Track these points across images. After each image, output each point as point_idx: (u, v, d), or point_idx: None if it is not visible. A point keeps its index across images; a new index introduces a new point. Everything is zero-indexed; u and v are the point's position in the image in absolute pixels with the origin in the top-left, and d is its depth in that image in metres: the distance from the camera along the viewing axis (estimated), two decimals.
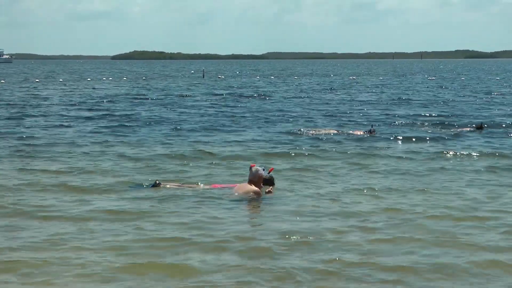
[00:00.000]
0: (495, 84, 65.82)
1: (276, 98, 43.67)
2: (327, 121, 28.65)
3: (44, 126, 25.61)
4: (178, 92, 50.27)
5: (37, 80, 73.63)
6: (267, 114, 31.25)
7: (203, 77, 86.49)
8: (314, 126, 25.84)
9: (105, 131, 24.06)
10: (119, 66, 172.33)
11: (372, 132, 22.87)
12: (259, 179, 12.75)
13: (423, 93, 50.23)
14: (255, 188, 12.66)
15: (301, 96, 46.39)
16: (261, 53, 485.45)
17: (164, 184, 13.59)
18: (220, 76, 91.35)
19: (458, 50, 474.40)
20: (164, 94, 48.55)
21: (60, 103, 38.60)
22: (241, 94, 47.83)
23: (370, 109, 34.61)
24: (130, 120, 28.29)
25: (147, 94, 48.18)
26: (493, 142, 21.25)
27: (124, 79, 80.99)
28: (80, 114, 31.05)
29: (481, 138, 22.23)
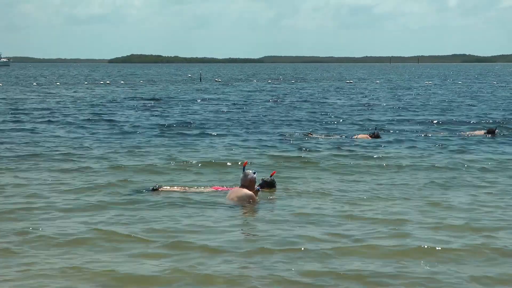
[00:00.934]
0: None
1: (283, 102, 43.39)
2: (332, 124, 28.47)
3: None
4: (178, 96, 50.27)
5: (58, 84, 73.74)
6: (273, 118, 31.14)
7: (200, 81, 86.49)
8: (317, 130, 25.62)
9: (102, 138, 23.88)
10: (116, 69, 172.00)
11: (376, 135, 22.69)
12: (249, 183, 12.54)
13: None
14: (249, 192, 12.50)
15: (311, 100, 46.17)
16: (258, 57, 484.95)
17: (163, 188, 13.50)
18: (217, 80, 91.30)
19: (455, 55, 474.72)
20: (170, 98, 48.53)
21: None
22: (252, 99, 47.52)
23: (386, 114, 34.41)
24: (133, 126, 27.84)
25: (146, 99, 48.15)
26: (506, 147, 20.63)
27: (122, 82, 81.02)
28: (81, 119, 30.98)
29: (494, 143, 21.55)
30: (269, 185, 13.61)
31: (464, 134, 24.18)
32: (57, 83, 77.83)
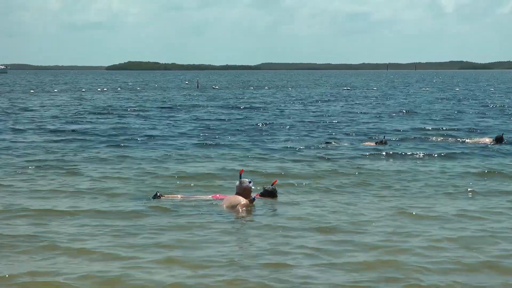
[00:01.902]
0: None
1: (286, 110, 43.22)
2: (340, 132, 28.22)
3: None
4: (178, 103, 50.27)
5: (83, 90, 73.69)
6: (279, 125, 30.88)
7: (198, 87, 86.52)
8: (325, 138, 25.16)
9: (100, 146, 23.66)
10: (113, 77, 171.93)
11: (383, 143, 22.46)
12: (244, 191, 12.48)
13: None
14: (243, 200, 12.37)
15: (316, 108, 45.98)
16: (255, 64, 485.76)
17: (165, 195, 13.44)
18: (214, 87, 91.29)
19: (452, 61, 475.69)
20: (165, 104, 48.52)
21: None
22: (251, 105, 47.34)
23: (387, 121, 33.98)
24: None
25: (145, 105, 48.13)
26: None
27: (119, 89, 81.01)
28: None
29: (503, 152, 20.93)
30: (270, 194, 13.45)
31: (471, 141, 23.65)
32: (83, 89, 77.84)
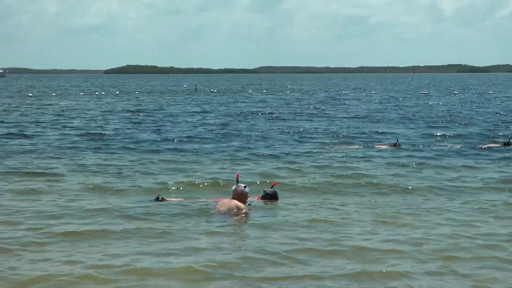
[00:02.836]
0: None
1: (289, 114, 42.98)
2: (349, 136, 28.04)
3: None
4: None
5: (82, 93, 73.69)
6: (287, 131, 30.50)
7: (196, 91, 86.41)
8: (337, 142, 25.02)
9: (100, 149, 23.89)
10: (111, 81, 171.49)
11: (397, 146, 22.27)
12: (239, 196, 12.43)
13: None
14: (239, 204, 12.32)
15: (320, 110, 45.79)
16: (253, 68, 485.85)
17: (167, 199, 13.41)
18: (213, 90, 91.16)
19: (450, 65, 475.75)
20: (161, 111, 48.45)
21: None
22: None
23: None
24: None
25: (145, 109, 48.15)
26: None
27: (117, 93, 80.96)
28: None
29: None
30: (271, 196, 13.28)
31: (480, 146, 23.35)
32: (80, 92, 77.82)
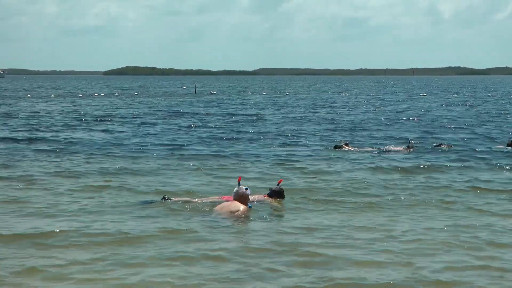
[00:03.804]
0: None
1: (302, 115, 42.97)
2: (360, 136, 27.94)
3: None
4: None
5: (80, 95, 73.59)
6: (294, 130, 30.61)
7: (195, 93, 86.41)
8: (350, 143, 24.56)
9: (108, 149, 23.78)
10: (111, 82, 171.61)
11: (410, 148, 22.09)
12: (240, 198, 12.36)
13: None
14: (242, 206, 12.25)
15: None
16: (253, 69, 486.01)
17: (173, 198, 13.24)
18: (212, 92, 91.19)
19: (449, 67, 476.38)
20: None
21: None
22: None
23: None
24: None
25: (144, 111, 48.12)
26: None
27: (116, 94, 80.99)
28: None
29: None
30: (278, 193, 13.16)
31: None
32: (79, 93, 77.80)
